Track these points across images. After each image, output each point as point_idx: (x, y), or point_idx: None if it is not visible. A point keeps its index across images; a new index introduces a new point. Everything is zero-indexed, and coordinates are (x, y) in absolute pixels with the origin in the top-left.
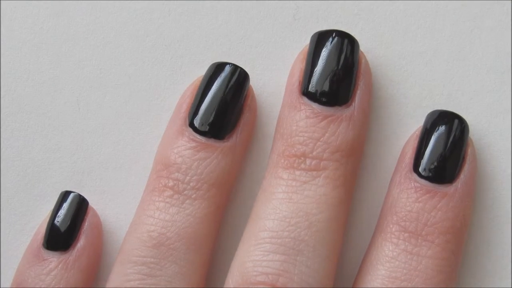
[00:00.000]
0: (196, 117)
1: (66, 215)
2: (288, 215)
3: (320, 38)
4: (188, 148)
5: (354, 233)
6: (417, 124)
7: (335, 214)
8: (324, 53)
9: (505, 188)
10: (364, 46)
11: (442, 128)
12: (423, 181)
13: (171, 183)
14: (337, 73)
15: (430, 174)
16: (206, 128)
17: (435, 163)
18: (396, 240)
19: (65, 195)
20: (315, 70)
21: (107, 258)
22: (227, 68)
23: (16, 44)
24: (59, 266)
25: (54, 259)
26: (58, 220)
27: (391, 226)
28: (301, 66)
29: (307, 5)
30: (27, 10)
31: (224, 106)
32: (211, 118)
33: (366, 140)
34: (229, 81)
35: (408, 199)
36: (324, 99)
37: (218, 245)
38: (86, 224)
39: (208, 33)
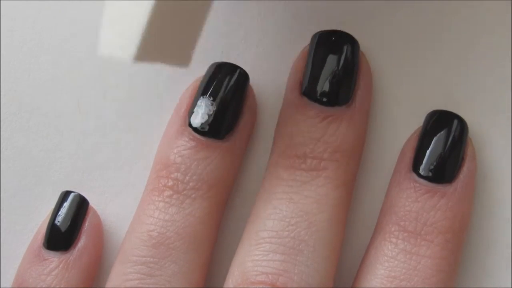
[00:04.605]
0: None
1: (66, 215)
2: (288, 215)
3: (321, 39)
4: (187, 148)
5: (354, 233)
6: (416, 124)
7: (335, 214)
8: (325, 53)
9: (505, 188)
10: (364, 46)
11: (441, 128)
12: (422, 181)
13: (170, 183)
14: (338, 73)
15: (430, 174)
16: (206, 128)
17: (435, 163)
18: (395, 240)
19: (65, 195)
20: (316, 70)
21: (107, 258)
22: (227, 68)
23: (16, 44)
24: (60, 266)
25: (55, 259)
26: (59, 220)
27: (390, 225)
28: (301, 66)
29: (307, 5)
30: (27, 10)
31: (224, 106)
32: (211, 118)
33: (366, 140)
34: (229, 81)
35: (408, 199)
36: (324, 99)
37: (218, 245)
38: (86, 224)
39: (208, 33)
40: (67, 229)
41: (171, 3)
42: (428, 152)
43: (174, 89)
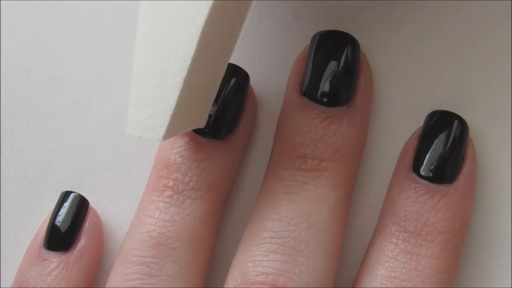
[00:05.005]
0: None
1: (66, 215)
2: (288, 215)
3: (321, 39)
4: (188, 149)
5: (354, 233)
6: (417, 124)
7: (336, 214)
8: (325, 53)
9: (505, 188)
10: (364, 46)
11: (442, 129)
12: (423, 181)
13: (171, 183)
14: (338, 73)
15: (430, 174)
16: (207, 129)
17: (435, 163)
18: (395, 240)
19: (65, 195)
20: (316, 70)
21: (107, 258)
22: (227, 69)
23: (16, 44)
24: (60, 266)
25: (55, 259)
26: (59, 220)
27: (390, 226)
28: (301, 66)
29: (307, 6)
30: (27, 10)
31: (224, 107)
32: (211, 119)
33: (366, 140)
34: (229, 82)
35: (408, 199)
36: (325, 100)
37: (218, 245)
38: (86, 225)
39: None
40: (67, 229)
41: (195, 81)
42: (428, 152)
43: None
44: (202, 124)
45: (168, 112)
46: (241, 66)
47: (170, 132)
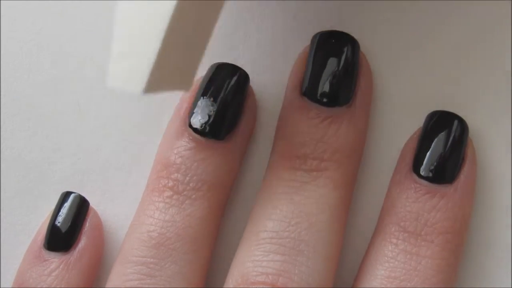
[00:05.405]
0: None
1: (67, 215)
2: (288, 215)
3: (321, 39)
4: (188, 149)
5: (354, 233)
6: (417, 124)
7: (336, 214)
8: (325, 53)
9: (505, 189)
10: (364, 46)
11: (442, 129)
12: (422, 181)
13: (170, 184)
14: (338, 73)
15: (430, 175)
16: (206, 129)
17: (435, 164)
18: (395, 240)
19: (66, 195)
20: (316, 70)
21: (107, 258)
22: (227, 69)
23: (16, 44)
24: (60, 266)
25: (55, 259)
26: (59, 220)
27: (390, 226)
28: (301, 66)
29: (307, 6)
30: (27, 10)
31: (224, 107)
32: (211, 119)
33: (366, 140)
34: (229, 82)
35: (408, 199)
36: (325, 100)
37: (218, 245)
38: (87, 225)
39: None
40: (67, 230)
41: (178, 35)
42: (428, 152)
43: None
44: (188, 88)
45: (149, 64)
46: (241, 66)
47: (151, 86)
